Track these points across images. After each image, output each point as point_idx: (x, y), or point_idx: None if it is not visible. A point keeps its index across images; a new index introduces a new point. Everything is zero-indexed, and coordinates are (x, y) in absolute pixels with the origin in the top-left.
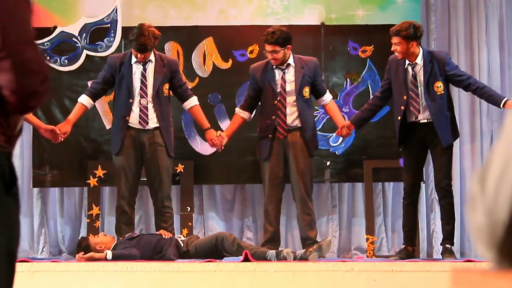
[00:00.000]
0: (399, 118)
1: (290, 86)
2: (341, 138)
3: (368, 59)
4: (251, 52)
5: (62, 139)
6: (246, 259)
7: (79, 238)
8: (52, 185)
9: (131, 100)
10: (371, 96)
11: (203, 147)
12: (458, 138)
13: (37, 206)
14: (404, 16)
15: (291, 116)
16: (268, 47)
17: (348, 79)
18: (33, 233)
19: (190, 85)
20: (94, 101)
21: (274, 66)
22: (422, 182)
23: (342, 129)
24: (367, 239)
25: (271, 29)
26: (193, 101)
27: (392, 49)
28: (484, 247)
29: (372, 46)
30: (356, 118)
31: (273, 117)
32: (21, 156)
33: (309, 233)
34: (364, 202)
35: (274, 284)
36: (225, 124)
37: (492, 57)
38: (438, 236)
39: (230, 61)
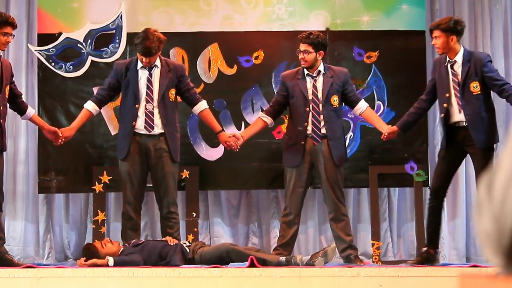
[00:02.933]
0: (442, 115)
1: (320, 94)
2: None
3: (373, 65)
4: (256, 58)
5: (62, 143)
6: (252, 265)
7: (86, 243)
8: (58, 191)
9: (137, 106)
10: (376, 102)
11: (208, 153)
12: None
13: (43, 212)
14: (409, 22)
15: (320, 123)
16: (301, 46)
17: (353, 84)
18: (38, 239)
19: (195, 91)
20: (100, 108)
21: (306, 73)
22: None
23: (389, 134)
24: (373, 245)
25: (308, 31)
26: (202, 105)
27: (432, 43)
28: (491, 252)
29: (377, 51)
30: (402, 123)
31: (305, 123)
32: (26, 162)
33: (344, 238)
34: (370, 208)
35: None
36: (230, 130)
37: (496, 63)
38: (445, 241)
39: (235, 67)
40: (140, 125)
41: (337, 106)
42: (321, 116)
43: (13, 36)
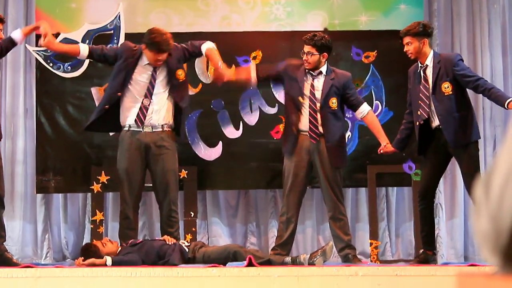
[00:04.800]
0: (417, 123)
1: (318, 94)
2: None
3: (371, 65)
4: (255, 58)
5: (42, 44)
6: (250, 264)
7: (86, 243)
8: (56, 191)
9: (119, 94)
10: (375, 102)
11: (206, 153)
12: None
13: (41, 212)
14: (407, 22)
15: (317, 122)
16: (305, 48)
17: (354, 88)
18: (36, 239)
19: (193, 91)
20: (88, 57)
21: (307, 70)
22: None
23: (385, 152)
24: (371, 244)
25: (313, 33)
26: (203, 48)
27: (404, 50)
28: (489, 252)
29: (375, 51)
30: (397, 141)
31: (299, 114)
32: (25, 162)
33: (343, 237)
34: (368, 207)
35: None
36: (228, 130)
37: (495, 62)
38: (443, 241)
39: (234, 67)
40: (131, 119)
41: (336, 108)
42: (318, 115)
43: (2, 31)
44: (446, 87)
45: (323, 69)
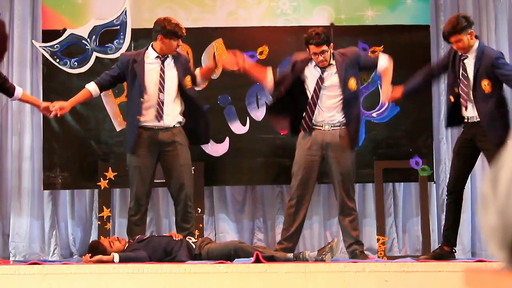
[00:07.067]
0: (452, 99)
1: (329, 82)
2: None
3: None
4: (261, 53)
5: (58, 115)
6: (257, 260)
7: (94, 241)
8: (63, 188)
9: (146, 97)
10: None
11: (213, 149)
12: None
13: (48, 209)
14: (414, 16)
15: (328, 113)
16: (317, 49)
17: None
18: (44, 236)
19: (200, 86)
20: (101, 91)
21: (314, 65)
22: (437, 182)
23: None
24: (378, 240)
25: (312, 31)
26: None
27: (455, 48)
28: (496, 247)
29: (382, 46)
30: (408, 84)
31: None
32: (32, 158)
33: (351, 233)
34: (375, 203)
35: (286, 285)
36: (235, 126)
37: None
38: None
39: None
40: (149, 117)
41: (355, 89)
42: (337, 104)
43: None
44: (486, 85)
45: (331, 60)
